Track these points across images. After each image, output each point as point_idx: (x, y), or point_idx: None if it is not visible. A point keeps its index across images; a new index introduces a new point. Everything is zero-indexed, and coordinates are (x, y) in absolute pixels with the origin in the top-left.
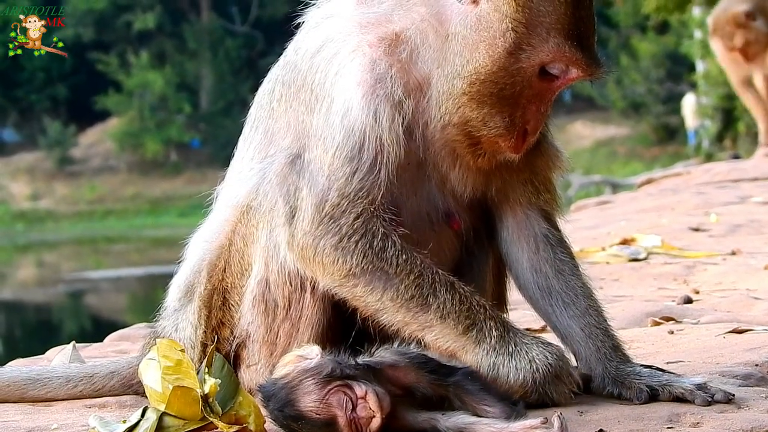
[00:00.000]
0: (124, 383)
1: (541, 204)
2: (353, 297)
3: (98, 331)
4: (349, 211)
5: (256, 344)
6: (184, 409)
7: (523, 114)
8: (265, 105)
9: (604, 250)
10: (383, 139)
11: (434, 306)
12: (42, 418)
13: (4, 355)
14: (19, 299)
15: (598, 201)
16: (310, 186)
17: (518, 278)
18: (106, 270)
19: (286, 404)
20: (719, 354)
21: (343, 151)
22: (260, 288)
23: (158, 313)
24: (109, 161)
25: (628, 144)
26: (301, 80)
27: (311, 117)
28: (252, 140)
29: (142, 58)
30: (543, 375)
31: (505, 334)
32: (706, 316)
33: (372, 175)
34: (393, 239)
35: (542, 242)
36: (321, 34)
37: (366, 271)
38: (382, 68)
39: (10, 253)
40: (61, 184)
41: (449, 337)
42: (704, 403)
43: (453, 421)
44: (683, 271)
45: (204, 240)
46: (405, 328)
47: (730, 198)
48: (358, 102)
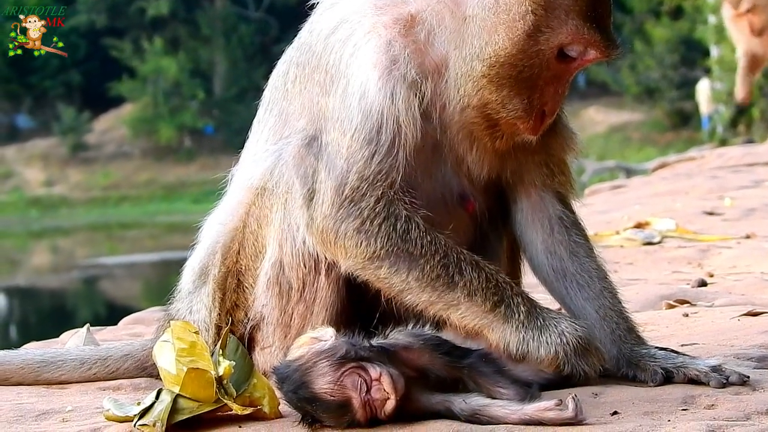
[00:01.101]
0: (138, 366)
1: (555, 186)
2: (377, 279)
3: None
4: (370, 194)
5: (270, 326)
6: (198, 392)
7: (541, 96)
8: (280, 86)
9: (618, 234)
10: (400, 120)
11: (461, 284)
12: (56, 401)
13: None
14: (33, 285)
15: (612, 185)
16: (329, 169)
17: (533, 260)
18: (120, 256)
19: (301, 386)
20: (734, 336)
21: (361, 133)
22: (274, 270)
23: (172, 297)
24: (122, 147)
25: (642, 129)
26: (315, 61)
27: (327, 98)
28: (267, 122)
29: (155, 44)
30: (573, 347)
31: (533, 309)
32: (721, 299)
33: (390, 158)
34: (416, 221)
35: (557, 224)
36: (336, 15)
37: (390, 253)
38: (398, 49)
39: (25, 240)
40: (75, 170)
41: (476, 314)
42: (719, 385)
43: (467, 402)
44: (697, 254)
45: (218, 222)
46: (430, 308)
47: (744, 182)
48: (374, 83)
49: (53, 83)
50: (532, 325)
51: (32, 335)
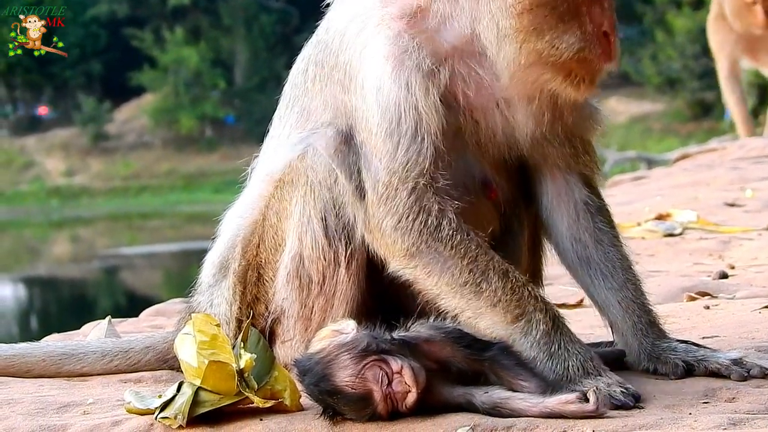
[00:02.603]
0: (159, 358)
1: (580, 167)
2: (415, 280)
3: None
4: (402, 189)
5: (290, 320)
6: (219, 384)
7: (591, 19)
8: (299, 84)
9: (640, 225)
10: (419, 108)
11: (486, 293)
12: (78, 393)
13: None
14: (54, 275)
15: (633, 176)
16: (366, 168)
17: (558, 246)
18: (140, 246)
19: (322, 379)
20: (755, 329)
21: (382, 127)
22: (294, 263)
23: (193, 289)
24: (143, 137)
25: (663, 120)
26: (333, 60)
27: (348, 96)
28: (288, 118)
29: (176, 34)
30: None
31: (552, 331)
32: (742, 291)
33: (415, 145)
34: (449, 217)
35: (582, 210)
36: (348, 11)
37: (422, 252)
38: (407, 39)
39: (45, 229)
40: (95, 160)
41: (499, 326)
42: (740, 378)
43: (488, 395)
44: (719, 246)
45: (238, 216)
46: (461, 315)
47: (766, 173)
48: (389, 75)
49: (74, 73)
50: (546, 348)
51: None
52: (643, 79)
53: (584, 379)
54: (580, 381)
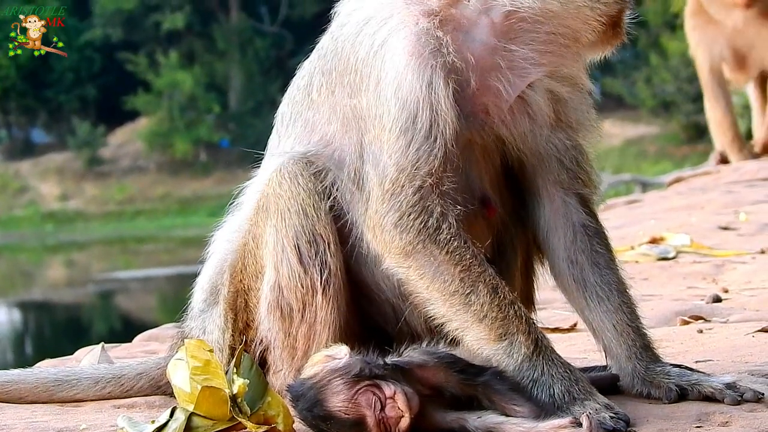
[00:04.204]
0: (152, 384)
1: (579, 187)
2: (407, 281)
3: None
4: (408, 186)
5: (277, 350)
6: (212, 410)
7: None
8: (301, 99)
9: (633, 249)
10: (438, 108)
11: (474, 306)
12: (71, 419)
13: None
14: (48, 299)
15: (628, 200)
16: (374, 165)
17: (554, 267)
18: (135, 270)
19: (315, 404)
20: (748, 353)
21: (397, 123)
22: (274, 294)
23: (185, 314)
24: (138, 161)
25: (658, 143)
26: (343, 65)
27: (359, 98)
28: (290, 133)
29: (171, 58)
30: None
31: (534, 355)
32: (735, 314)
33: (427, 145)
34: (449, 221)
35: (579, 232)
36: (364, 14)
37: (418, 252)
38: (434, 38)
39: (40, 254)
40: (90, 184)
41: (484, 342)
42: (733, 402)
43: (482, 420)
44: (712, 270)
45: (226, 239)
46: (448, 324)
47: (759, 197)
48: (412, 72)
49: (68, 97)
50: (528, 375)
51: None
52: (637, 102)
53: (571, 405)
54: (568, 408)
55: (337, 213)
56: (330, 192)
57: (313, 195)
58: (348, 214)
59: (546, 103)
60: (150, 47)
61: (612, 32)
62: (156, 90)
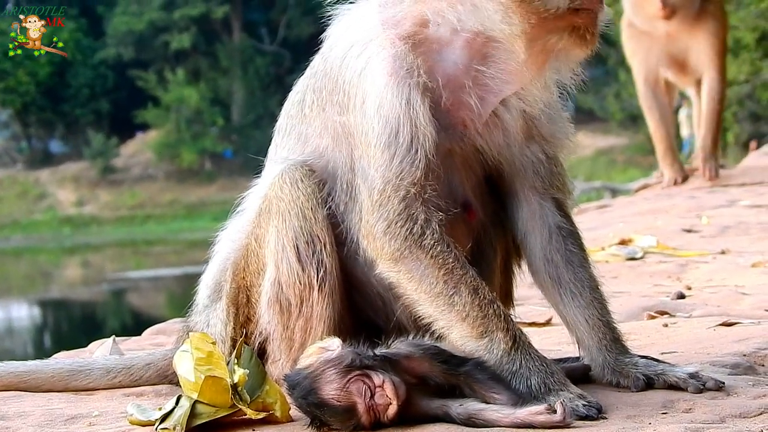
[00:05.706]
0: (159, 374)
1: (554, 192)
2: (398, 284)
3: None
4: (394, 196)
5: (275, 342)
6: (215, 397)
7: None
8: (295, 114)
9: (604, 249)
10: (417, 123)
11: (457, 306)
12: (84, 406)
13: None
14: (65, 297)
15: (599, 205)
16: (364, 178)
17: (531, 266)
18: (145, 270)
19: (310, 392)
20: (710, 345)
21: (381, 138)
22: (274, 289)
23: (191, 309)
24: (148, 170)
25: (627, 152)
26: (332, 84)
27: (347, 116)
28: (285, 144)
29: (178, 75)
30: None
31: (512, 350)
32: (698, 310)
33: (409, 157)
34: (433, 227)
35: (555, 233)
36: (349, 39)
37: (405, 257)
38: (410, 59)
39: (58, 255)
40: (104, 191)
41: (466, 339)
42: (696, 391)
43: (464, 407)
44: (677, 269)
45: (230, 240)
46: (435, 324)
47: (720, 201)
48: (390, 92)
49: (84, 111)
50: (507, 368)
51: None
52: (607, 116)
53: (547, 395)
54: (544, 397)
55: (334, 221)
56: (326, 201)
57: (312, 199)
58: (343, 224)
59: (518, 118)
60: (159, 65)
61: (577, 36)
62: (164, 104)
